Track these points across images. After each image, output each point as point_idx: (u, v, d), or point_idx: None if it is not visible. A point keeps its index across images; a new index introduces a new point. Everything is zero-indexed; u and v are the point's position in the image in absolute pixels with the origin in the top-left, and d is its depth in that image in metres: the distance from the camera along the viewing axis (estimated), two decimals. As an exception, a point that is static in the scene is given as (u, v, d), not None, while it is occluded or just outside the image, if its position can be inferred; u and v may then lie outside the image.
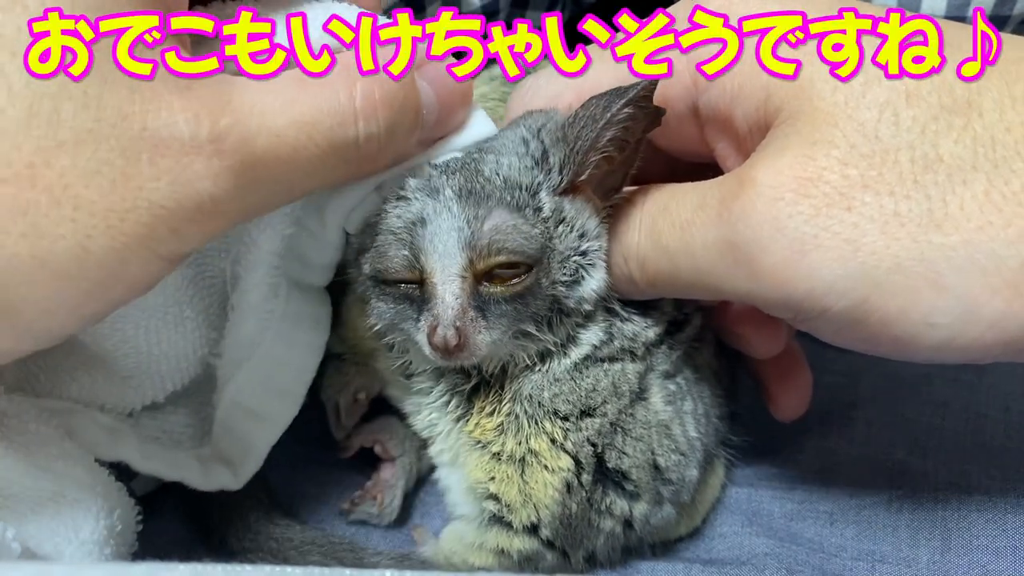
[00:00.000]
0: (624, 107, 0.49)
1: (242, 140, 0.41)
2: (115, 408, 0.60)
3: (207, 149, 0.40)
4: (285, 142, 0.42)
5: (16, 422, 0.52)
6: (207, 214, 0.41)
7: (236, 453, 0.61)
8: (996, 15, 0.68)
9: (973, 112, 0.43)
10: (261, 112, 0.42)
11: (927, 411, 0.67)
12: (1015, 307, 0.41)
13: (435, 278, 0.50)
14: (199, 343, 0.60)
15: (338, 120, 0.44)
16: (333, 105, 0.44)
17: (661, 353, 0.58)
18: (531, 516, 0.56)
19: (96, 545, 0.51)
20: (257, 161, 0.42)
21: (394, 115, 0.46)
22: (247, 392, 0.60)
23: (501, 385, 0.56)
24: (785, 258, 0.43)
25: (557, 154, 0.52)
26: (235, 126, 0.41)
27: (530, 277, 0.51)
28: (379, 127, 0.46)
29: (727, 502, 0.67)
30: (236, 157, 0.41)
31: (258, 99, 0.42)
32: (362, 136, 0.45)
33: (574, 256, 0.52)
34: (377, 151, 0.47)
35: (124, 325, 0.56)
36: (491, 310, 0.51)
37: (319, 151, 0.44)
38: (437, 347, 0.50)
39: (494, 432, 0.56)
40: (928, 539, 0.60)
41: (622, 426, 0.56)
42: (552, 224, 0.52)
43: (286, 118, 0.42)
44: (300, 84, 0.44)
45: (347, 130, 0.45)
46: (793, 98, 0.45)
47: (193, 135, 0.40)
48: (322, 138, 0.44)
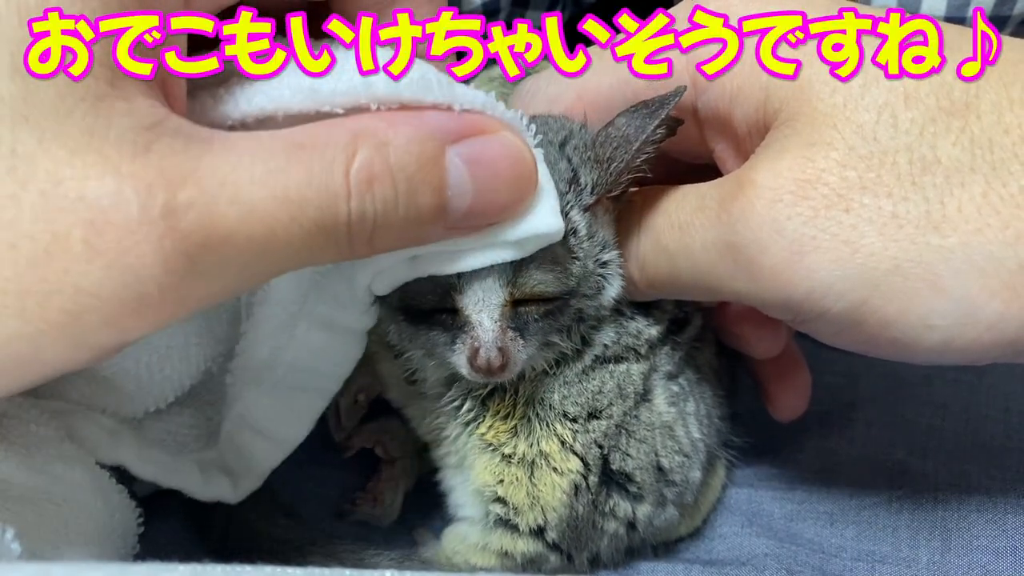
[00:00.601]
0: (658, 128, 0.49)
1: (205, 216, 0.34)
2: (117, 413, 0.59)
3: (159, 227, 0.33)
4: (261, 220, 0.35)
5: (16, 423, 0.51)
6: (151, 305, 0.34)
7: (239, 466, 0.60)
8: (996, 15, 0.68)
9: (971, 114, 0.43)
10: (235, 182, 0.35)
11: (927, 411, 0.67)
12: (1013, 309, 0.41)
13: (469, 310, 0.49)
14: (203, 359, 0.59)
15: (329, 194, 0.37)
16: (325, 178, 0.37)
17: (664, 353, 0.58)
18: (538, 519, 0.56)
19: (96, 547, 0.51)
20: (222, 242, 0.35)
21: (396, 193, 0.39)
22: (255, 412, 0.59)
23: (516, 389, 0.56)
24: (784, 259, 0.43)
25: (589, 175, 0.51)
26: (198, 199, 0.34)
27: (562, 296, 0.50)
28: (372, 206, 0.38)
29: (727, 502, 0.67)
30: (194, 239, 0.34)
31: (235, 165, 0.35)
32: (353, 214, 0.38)
33: (598, 269, 0.52)
34: (371, 233, 0.39)
35: (124, 361, 0.54)
36: (528, 328, 0.50)
37: (302, 232, 0.36)
38: (480, 369, 0.49)
39: (507, 434, 0.56)
40: (928, 539, 0.60)
41: (627, 428, 0.56)
42: (584, 240, 0.51)
43: (266, 191, 0.35)
44: (292, 149, 0.37)
45: (338, 207, 0.37)
46: (792, 99, 0.45)
47: (143, 208, 0.33)
48: (307, 218, 0.36)
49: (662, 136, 0.50)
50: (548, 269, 0.48)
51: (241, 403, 0.59)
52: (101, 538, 0.52)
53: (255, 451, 0.59)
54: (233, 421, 0.60)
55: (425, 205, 0.40)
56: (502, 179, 0.43)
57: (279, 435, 0.59)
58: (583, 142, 0.52)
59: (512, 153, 0.43)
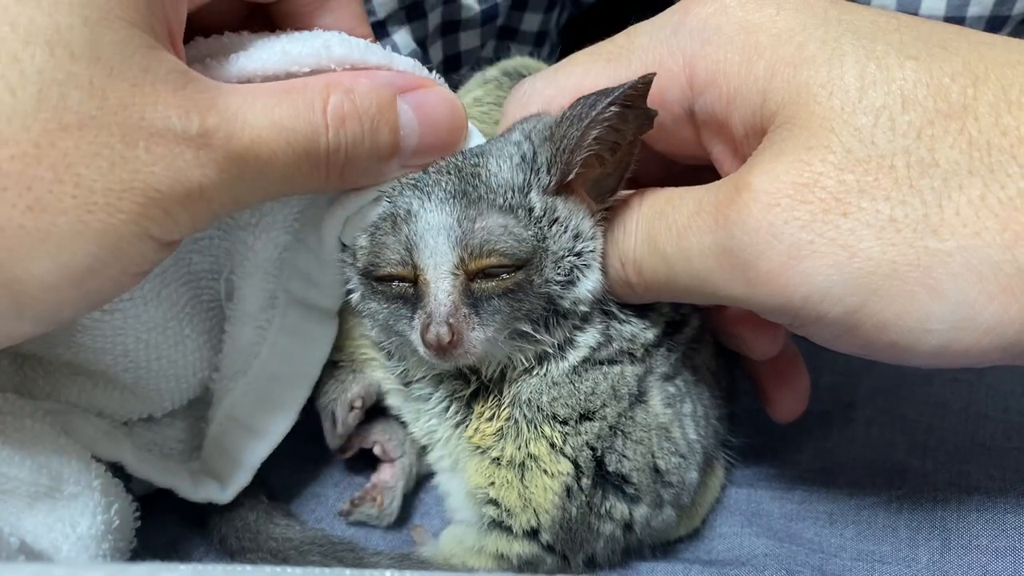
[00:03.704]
0: (609, 106, 0.49)
1: (227, 137, 0.45)
2: (112, 416, 0.60)
3: (196, 142, 0.44)
4: (265, 143, 0.46)
5: (12, 419, 0.52)
6: (196, 200, 0.44)
7: (225, 468, 0.62)
8: (996, 15, 0.68)
9: (969, 116, 0.42)
10: (244, 115, 0.46)
11: (927, 411, 0.67)
12: (1011, 312, 0.41)
13: (427, 275, 0.51)
14: (199, 364, 0.61)
15: (312, 127, 0.48)
16: (308, 114, 0.48)
17: (660, 355, 0.58)
18: (531, 521, 0.57)
19: (94, 540, 0.52)
20: (239, 157, 0.45)
21: (363, 131, 0.50)
22: (242, 406, 0.61)
23: (500, 390, 0.56)
24: (781, 264, 0.43)
25: (544, 153, 0.52)
26: (221, 124, 0.45)
27: (520, 273, 0.51)
28: (345, 139, 0.49)
29: (727, 503, 0.67)
30: (221, 152, 0.44)
31: (242, 103, 0.46)
32: (331, 146, 0.49)
33: (568, 256, 0.52)
34: (344, 163, 0.50)
35: (124, 338, 0.56)
36: (484, 307, 0.51)
37: (294, 155, 0.47)
38: (431, 345, 0.50)
39: (494, 437, 0.57)
40: (928, 539, 0.60)
41: (622, 429, 0.56)
42: (545, 224, 0.52)
43: (266, 121, 0.46)
44: (281, 93, 0.48)
45: (319, 139, 0.48)
46: (789, 103, 0.45)
47: (185, 129, 0.43)
48: (297, 143, 0.47)
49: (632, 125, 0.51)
50: (497, 233, 0.50)
51: (229, 399, 0.61)
52: (99, 531, 0.52)
53: (244, 447, 0.62)
54: (220, 422, 0.62)
55: (384, 142, 0.51)
56: (442, 122, 0.53)
57: (266, 427, 0.62)
58: (544, 124, 0.53)
59: (448, 101, 0.54)
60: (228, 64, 0.51)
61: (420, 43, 0.83)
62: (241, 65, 0.51)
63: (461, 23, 0.86)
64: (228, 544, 0.63)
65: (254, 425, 0.62)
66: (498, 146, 0.54)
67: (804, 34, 0.46)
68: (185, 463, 0.64)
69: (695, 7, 0.50)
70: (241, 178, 0.46)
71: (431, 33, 0.84)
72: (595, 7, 0.98)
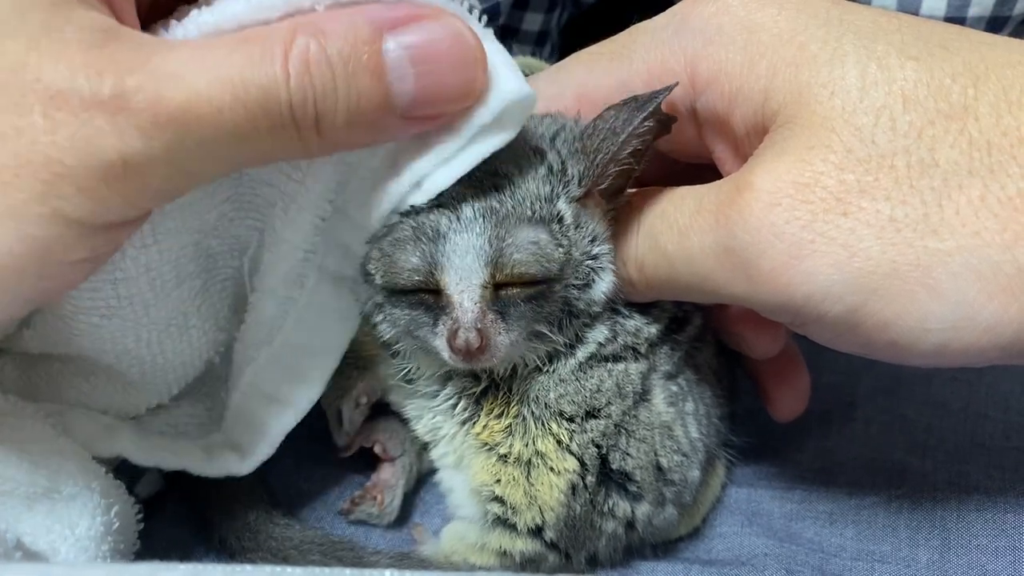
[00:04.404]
0: (646, 120, 0.49)
1: (154, 99, 0.38)
2: (118, 413, 0.59)
3: (110, 105, 0.37)
4: (207, 101, 0.39)
5: (10, 420, 0.52)
6: (121, 175, 0.38)
7: (248, 438, 0.60)
8: (996, 15, 0.68)
9: (969, 117, 0.42)
10: (181, 72, 0.39)
11: (927, 411, 0.67)
12: (1011, 311, 0.41)
13: (450, 289, 0.50)
14: (205, 348, 0.60)
15: (267, 78, 0.39)
16: (264, 63, 0.39)
17: (663, 353, 0.58)
18: (536, 518, 0.57)
19: (93, 541, 0.51)
20: (173, 120, 0.38)
21: (334, 77, 0.41)
22: (266, 376, 0.58)
23: (510, 387, 0.56)
24: (782, 263, 0.43)
25: (576, 166, 0.51)
26: (147, 83, 0.38)
27: (548, 282, 0.51)
28: (311, 89, 0.40)
29: (727, 502, 0.67)
30: (145, 116, 0.38)
31: (184, 59, 0.39)
32: (294, 97, 0.40)
33: (587, 261, 0.52)
34: (316, 118, 0.41)
35: (125, 339, 0.55)
36: (510, 312, 0.51)
37: (247, 112, 0.39)
38: (459, 350, 0.49)
39: (502, 434, 0.57)
40: (927, 539, 0.60)
41: (626, 427, 0.56)
42: (571, 231, 0.52)
43: (211, 75, 0.39)
44: (237, 43, 0.40)
45: (277, 91, 0.40)
46: (790, 102, 0.45)
47: (94, 91, 0.37)
48: (248, 98, 0.39)
49: (653, 131, 0.51)
50: (529, 251, 0.49)
51: (251, 369, 0.58)
52: (98, 532, 0.52)
53: (267, 417, 0.59)
54: (242, 391, 0.59)
55: (365, 89, 0.41)
56: (444, 61, 0.43)
57: (292, 398, 0.59)
58: (572, 135, 0.52)
59: (451, 34, 0.43)
60: (186, 23, 0.44)
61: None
62: (201, 21, 0.44)
63: (462, 23, 0.85)
64: (228, 544, 0.63)
65: (278, 395, 0.59)
66: (517, 155, 0.51)
67: (806, 34, 0.46)
68: (202, 439, 0.62)
69: (697, 7, 0.50)
70: (181, 146, 0.39)
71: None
72: (595, 7, 0.98)
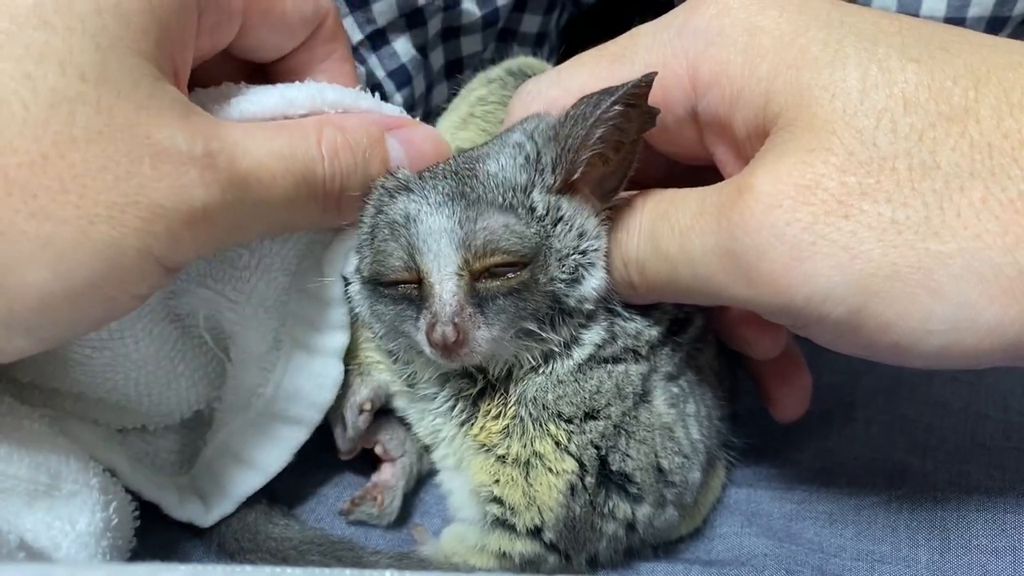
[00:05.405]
0: (613, 105, 0.49)
1: (230, 160, 0.47)
2: (108, 424, 0.61)
3: (201, 162, 0.45)
4: (266, 168, 0.49)
5: (9, 419, 0.52)
6: (199, 221, 0.46)
7: (211, 493, 0.62)
8: (996, 16, 0.68)
9: (970, 119, 0.42)
10: (245, 143, 0.48)
11: (927, 411, 0.67)
12: (1012, 313, 0.41)
13: (431, 277, 0.51)
14: (194, 399, 0.62)
15: (309, 157, 0.51)
16: (305, 145, 0.51)
17: (664, 355, 0.58)
18: (535, 519, 0.57)
19: (92, 537, 0.52)
20: (242, 180, 0.48)
21: (355, 162, 0.54)
22: (238, 439, 0.62)
23: (506, 389, 0.56)
24: (783, 265, 0.43)
25: (549, 153, 0.52)
26: (225, 148, 0.47)
27: (525, 272, 0.51)
28: (340, 169, 0.53)
29: (727, 502, 0.67)
30: (225, 173, 0.47)
31: (242, 134, 0.49)
32: (327, 175, 0.52)
33: (573, 255, 0.53)
34: (339, 193, 0.53)
35: (115, 375, 0.57)
36: (489, 307, 0.51)
37: (294, 181, 0.50)
38: (436, 344, 0.50)
39: (499, 435, 0.57)
40: (927, 539, 0.60)
41: (626, 428, 0.56)
42: (549, 223, 0.52)
43: (267, 149, 0.49)
44: (278, 127, 0.52)
45: (316, 168, 0.51)
46: (792, 105, 0.45)
47: (190, 149, 0.45)
48: (296, 171, 0.50)
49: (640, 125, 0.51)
50: (499, 232, 0.51)
51: (226, 430, 0.62)
52: (98, 528, 0.52)
53: (233, 476, 0.62)
54: (215, 447, 0.62)
55: (376, 173, 0.56)
56: (428, 156, 0.58)
57: (259, 462, 0.62)
58: (547, 124, 0.53)
59: (433, 138, 0.59)
60: (228, 107, 0.53)
61: (420, 49, 0.82)
62: (241, 108, 0.53)
63: (462, 28, 0.86)
64: (227, 545, 0.63)
65: (248, 457, 0.62)
66: (497, 146, 0.54)
67: (807, 36, 0.46)
68: (176, 476, 0.64)
69: (698, 9, 0.50)
70: (244, 202, 0.48)
71: (431, 39, 0.84)
72: (595, 8, 0.98)
